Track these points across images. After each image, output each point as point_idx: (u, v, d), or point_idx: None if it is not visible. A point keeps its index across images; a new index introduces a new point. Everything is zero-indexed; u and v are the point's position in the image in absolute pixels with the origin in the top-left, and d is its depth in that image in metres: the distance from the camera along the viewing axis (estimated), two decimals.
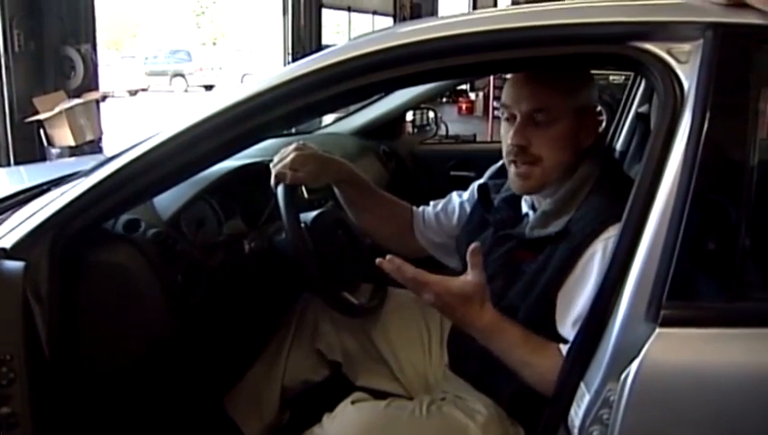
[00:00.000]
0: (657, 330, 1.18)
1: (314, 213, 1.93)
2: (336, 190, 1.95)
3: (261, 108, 1.45)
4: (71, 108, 6.52)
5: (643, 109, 3.06)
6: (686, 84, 1.26)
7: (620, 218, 1.30)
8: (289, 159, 1.80)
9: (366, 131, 3.34)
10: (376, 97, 3.37)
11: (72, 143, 6.52)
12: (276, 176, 1.80)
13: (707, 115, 1.22)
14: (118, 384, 1.68)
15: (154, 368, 1.75)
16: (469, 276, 1.46)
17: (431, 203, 1.99)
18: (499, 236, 1.69)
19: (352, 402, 1.67)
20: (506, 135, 1.60)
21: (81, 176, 1.66)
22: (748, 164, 1.23)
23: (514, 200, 1.74)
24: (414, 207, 2.00)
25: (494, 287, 1.60)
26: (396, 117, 3.48)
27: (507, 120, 1.61)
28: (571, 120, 1.57)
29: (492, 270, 1.63)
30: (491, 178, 1.88)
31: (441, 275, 1.47)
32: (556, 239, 1.54)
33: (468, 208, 1.89)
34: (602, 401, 1.22)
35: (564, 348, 1.43)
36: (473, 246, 1.46)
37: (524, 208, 1.72)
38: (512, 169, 1.61)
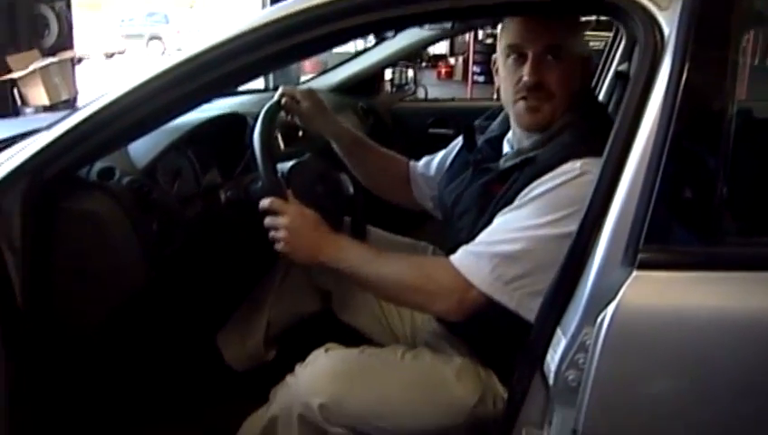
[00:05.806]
0: (634, 273, 1.18)
1: (291, 163, 1.91)
2: (333, 144, 2.03)
3: (232, 54, 1.44)
4: (45, 66, 6.42)
5: (622, 67, 3.07)
6: (666, 31, 1.25)
7: (581, 155, 1.36)
8: (295, 89, 1.92)
9: (344, 88, 3.33)
10: (354, 53, 3.35)
11: (47, 102, 6.43)
12: (279, 97, 1.90)
13: (687, 62, 1.20)
14: (93, 331, 1.67)
15: (128, 316, 1.74)
16: None
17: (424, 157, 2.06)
18: (478, 170, 1.70)
19: (326, 351, 1.67)
20: (513, 74, 1.60)
21: (52, 125, 1.62)
22: (726, 112, 1.22)
23: (497, 141, 1.77)
24: (411, 161, 2.08)
25: (466, 221, 1.61)
26: (374, 74, 3.47)
27: (515, 60, 1.59)
28: (576, 60, 1.60)
29: (466, 205, 1.66)
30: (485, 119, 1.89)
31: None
32: (521, 166, 1.55)
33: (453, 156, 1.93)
34: (578, 346, 1.22)
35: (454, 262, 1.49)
36: None
37: (506, 148, 1.73)
38: (521, 105, 1.60)
